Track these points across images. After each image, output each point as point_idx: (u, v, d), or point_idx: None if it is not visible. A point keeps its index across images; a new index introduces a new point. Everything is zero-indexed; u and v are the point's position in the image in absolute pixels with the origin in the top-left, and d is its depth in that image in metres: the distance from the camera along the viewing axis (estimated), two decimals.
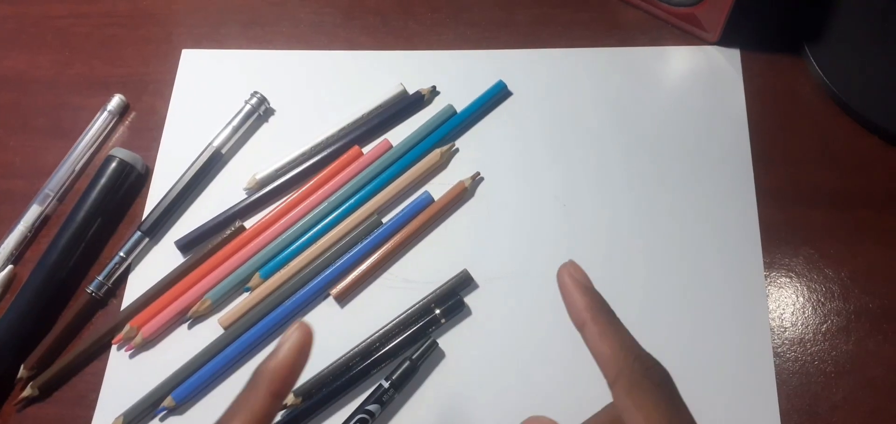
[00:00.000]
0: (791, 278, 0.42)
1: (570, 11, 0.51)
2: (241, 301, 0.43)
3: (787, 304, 0.41)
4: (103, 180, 0.46)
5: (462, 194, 0.45)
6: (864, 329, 0.40)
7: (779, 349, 0.40)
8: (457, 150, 0.47)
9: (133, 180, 0.47)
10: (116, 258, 0.44)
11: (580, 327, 0.28)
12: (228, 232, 0.45)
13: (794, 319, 0.41)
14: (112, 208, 0.47)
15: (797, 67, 0.48)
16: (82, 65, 0.53)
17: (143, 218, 0.46)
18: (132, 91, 0.51)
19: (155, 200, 0.47)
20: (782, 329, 0.40)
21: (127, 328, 0.42)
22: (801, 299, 0.41)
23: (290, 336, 0.26)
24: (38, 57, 0.54)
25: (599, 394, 0.38)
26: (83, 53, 0.53)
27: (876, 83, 0.46)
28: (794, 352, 0.40)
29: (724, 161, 0.45)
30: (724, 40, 0.48)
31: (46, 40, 0.54)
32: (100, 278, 0.44)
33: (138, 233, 0.45)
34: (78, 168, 0.49)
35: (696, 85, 0.48)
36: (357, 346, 0.41)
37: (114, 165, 0.46)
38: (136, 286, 0.45)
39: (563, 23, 0.51)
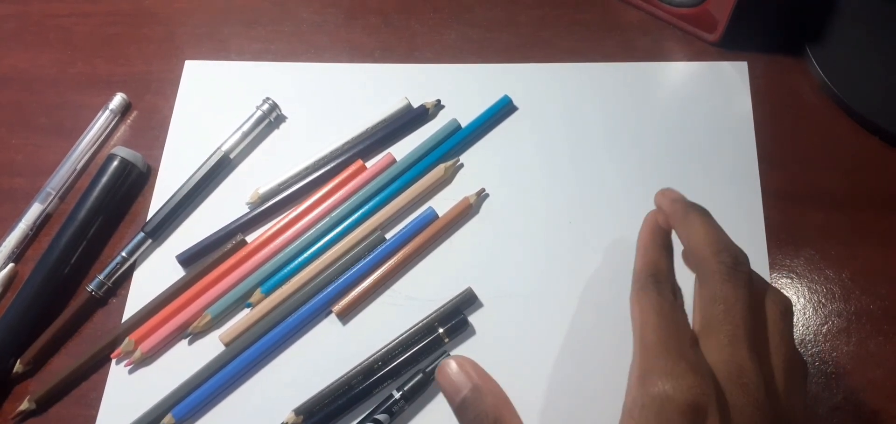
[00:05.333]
0: (792, 278, 0.42)
1: (572, 12, 0.51)
2: (243, 317, 0.43)
3: None
4: (105, 179, 0.46)
5: (467, 211, 0.45)
6: (865, 331, 0.40)
7: None
8: (461, 165, 0.47)
9: (134, 179, 0.47)
10: (118, 259, 0.44)
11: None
12: (229, 246, 0.45)
13: (795, 320, 0.41)
14: (113, 207, 0.47)
15: (799, 68, 0.48)
16: (84, 64, 0.53)
17: (148, 220, 0.46)
18: (134, 90, 0.51)
19: (158, 202, 0.47)
20: None
21: (125, 341, 0.42)
22: (801, 300, 0.41)
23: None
24: (41, 56, 0.54)
25: (606, 413, 0.38)
26: (85, 52, 0.53)
27: (877, 85, 0.46)
28: None
29: (731, 172, 0.45)
30: (726, 42, 0.48)
31: (48, 39, 0.54)
32: (100, 277, 0.44)
33: (141, 234, 0.45)
34: (79, 167, 0.49)
35: (704, 97, 0.47)
36: (359, 365, 0.40)
37: (115, 163, 0.46)
38: (139, 285, 0.45)
39: (564, 23, 0.51)
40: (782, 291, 0.41)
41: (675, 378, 0.27)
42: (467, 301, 0.42)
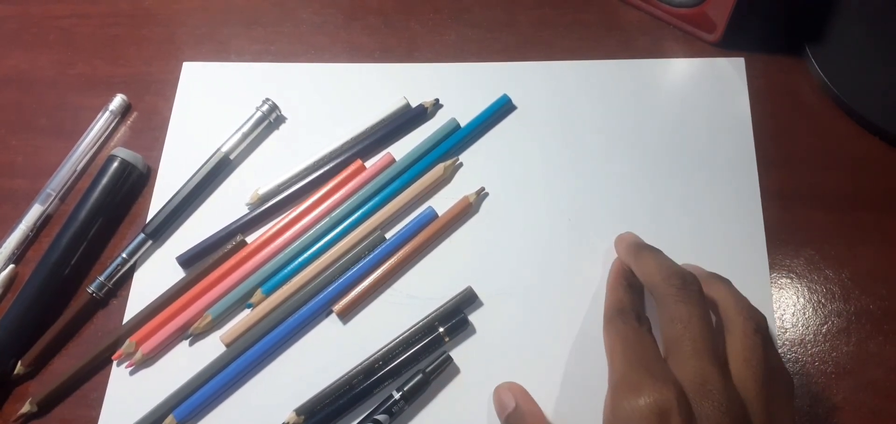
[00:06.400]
0: (792, 279, 0.42)
1: (572, 12, 0.51)
2: (243, 318, 0.43)
3: (788, 305, 0.41)
4: (105, 180, 0.46)
5: (466, 210, 0.45)
6: (864, 331, 0.40)
7: (779, 350, 0.40)
8: (461, 164, 0.47)
9: (134, 180, 0.47)
10: (119, 260, 0.44)
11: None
12: (229, 247, 0.45)
13: (794, 320, 0.41)
14: (113, 208, 0.47)
15: (798, 68, 0.48)
16: (84, 65, 0.53)
17: (148, 221, 0.46)
18: (134, 91, 0.51)
19: (158, 203, 0.47)
20: (783, 330, 0.40)
21: (126, 343, 0.42)
22: (801, 300, 0.41)
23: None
24: (40, 57, 0.54)
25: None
26: (85, 53, 0.53)
27: (876, 85, 0.46)
28: (795, 353, 0.40)
29: (729, 170, 0.45)
30: (726, 42, 0.48)
31: (48, 40, 0.54)
32: (101, 278, 0.44)
33: (142, 235, 0.45)
34: (80, 168, 0.49)
35: (701, 94, 0.47)
36: (360, 364, 0.41)
37: (115, 165, 0.46)
38: (140, 287, 0.45)
39: (564, 23, 0.51)
40: (783, 290, 0.41)
41: (639, 389, 0.29)
42: (467, 300, 0.42)
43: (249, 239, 0.46)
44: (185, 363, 0.42)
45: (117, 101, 0.50)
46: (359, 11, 0.53)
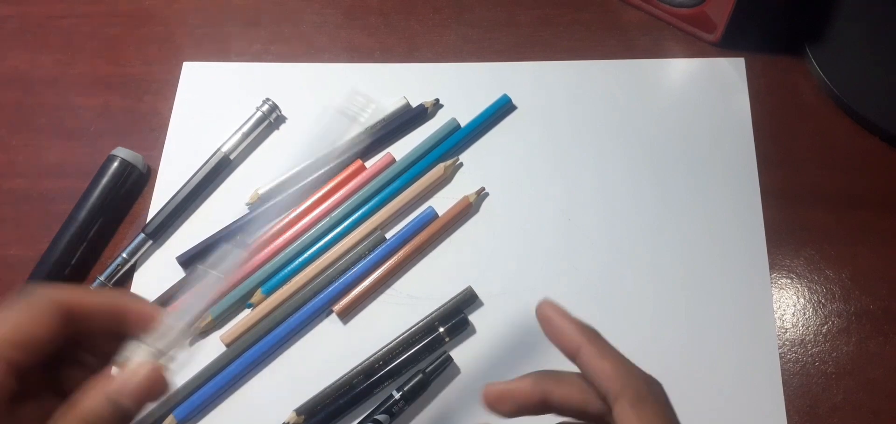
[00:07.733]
0: (792, 279, 0.42)
1: (572, 12, 0.51)
2: (244, 318, 0.43)
3: (789, 305, 0.41)
4: (105, 180, 0.46)
5: (466, 210, 0.45)
6: (864, 330, 0.40)
7: (780, 350, 0.40)
8: (461, 164, 0.47)
9: (134, 180, 0.47)
10: (119, 260, 0.44)
11: (574, 352, 0.29)
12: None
13: (794, 320, 0.41)
14: (113, 208, 0.47)
15: (798, 68, 0.48)
16: (84, 64, 0.53)
17: (148, 221, 0.46)
18: (134, 91, 0.51)
19: (158, 203, 0.47)
20: (783, 330, 0.40)
21: None
22: (801, 300, 0.41)
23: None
24: (41, 56, 0.54)
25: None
26: (85, 53, 0.53)
27: (876, 85, 0.46)
28: (795, 353, 0.40)
29: (729, 169, 0.45)
30: (726, 42, 0.48)
31: (49, 40, 0.54)
32: (101, 278, 0.44)
33: (142, 235, 0.45)
34: None
35: (701, 94, 0.47)
36: (360, 364, 0.41)
37: (115, 165, 0.46)
38: (140, 287, 0.45)
39: (564, 23, 0.51)
40: (783, 290, 0.41)
41: None
42: (468, 300, 0.42)
43: (250, 239, 0.46)
44: (186, 362, 0.42)
45: None
46: (359, 11, 0.53)
